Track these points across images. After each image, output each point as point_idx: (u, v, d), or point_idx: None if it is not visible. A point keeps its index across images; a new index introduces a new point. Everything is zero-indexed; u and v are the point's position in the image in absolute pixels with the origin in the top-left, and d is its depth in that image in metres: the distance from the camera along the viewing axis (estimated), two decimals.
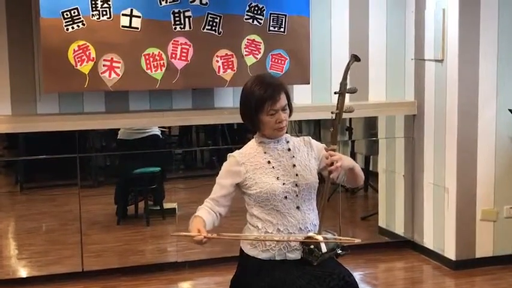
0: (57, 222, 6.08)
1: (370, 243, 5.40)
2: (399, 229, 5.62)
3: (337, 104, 3.04)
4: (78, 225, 5.06)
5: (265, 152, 3.04)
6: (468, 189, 4.98)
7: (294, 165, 3.03)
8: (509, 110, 4.81)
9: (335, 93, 3.07)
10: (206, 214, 2.97)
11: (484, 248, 5.04)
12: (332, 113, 3.05)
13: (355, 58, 3.08)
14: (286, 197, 2.98)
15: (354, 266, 3.07)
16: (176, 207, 6.11)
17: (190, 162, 7.73)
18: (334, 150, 2.99)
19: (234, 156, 3.04)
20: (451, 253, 5.04)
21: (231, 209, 3.06)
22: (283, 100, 2.98)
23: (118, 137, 6.12)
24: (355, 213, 6.25)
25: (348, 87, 3.04)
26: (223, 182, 3.03)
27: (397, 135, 5.58)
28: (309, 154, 3.10)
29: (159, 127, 6.15)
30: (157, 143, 6.29)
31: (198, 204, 3.08)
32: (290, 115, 3.06)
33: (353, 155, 6.22)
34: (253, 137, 3.12)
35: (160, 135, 6.31)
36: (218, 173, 3.13)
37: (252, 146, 3.08)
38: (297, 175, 3.01)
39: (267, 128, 3.01)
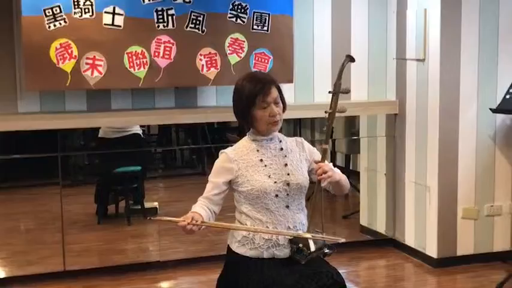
0: (37, 221, 6.05)
1: (352, 241, 5.42)
2: (381, 227, 5.66)
3: (331, 103, 3.05)
4: (59, 225, 5.01)
5: (257, 150, 3.04)
6: (449, 187, 5.02)
7: (286, 165, 3.04)
8: (490, 109, 4.85)
9: (329, 92, 3.08)
10: (202, 210, 2.95)
11: (465, 246, 5.08)
12: (325, 112, 3.06)
13: (350, 59, 3.09)
14: (277, 196, 2.98)
15: (337, 264, 3.07)
16: (157, 206, 6.10)
17: (170, 161, 7.72)
18: (326, 149, 3.01)
19: (226, 153, 3.04)
20: (432, 251, 5.08)
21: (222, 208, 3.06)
22: (274, 92, 2.99)
23: (99, 136, 6.09)
24: (336, 212, 6.28)
25: (341, 87, 3.05)
26: (216, 180, 3.02)
27: (379, 134, 5.61)
28: (300, 155, 3.11)
29: (140, 126, 6.13)
30: (138, 142, 6.27)
31: (179, 203, 3.08)
32: (284, 110, 3.06)
33: (333, 154, 6.25)
34: (235, 136, 3.11)
35: (142, 134, 6.29)
36: (198, 172, 3.13)
37: (244, 143, 3.08)
38: (288, 174, 3.01)
39: (261, 123, 3.01)
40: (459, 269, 4.99)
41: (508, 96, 4.80)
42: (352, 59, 3.11)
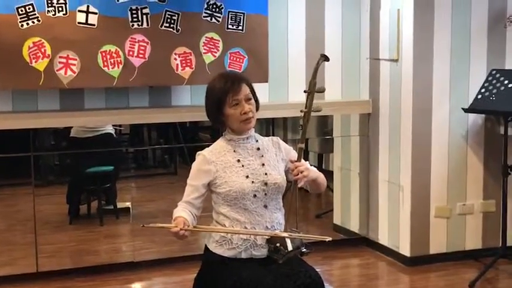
0: (7, 222, 5.97)
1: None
2: (354, 226, 5.69)
3: (306, 102, 3.06)
4: (30, 225, 4.96)
5: (234, 151, 3.04)
6: (422, 186, 5.06)
7: (263, 165, 3.04)
8: (463, 109, 4.90)
9: (304, 91, 3.09)
10: (186, 215, 2.92)
11: (437, 245, 5.13)
12: (301, 111, 3.07)
13: (324, 58, 3.10)
14: (255, 196, 2.98)
15: (310, 263, 3.08)
16: (130, 206, 6.06)
17: (142, 161, 7.69)
18: (302, 148, 3.02)
19: (204, 155, 3.03)
20: (405, 250, 5.12)
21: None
22: (245, 90, 3.00)
23: (70, 135, 6.05)
24: (310, 211, 6.30)
25: (316, 86, 3.06)
26: (195, 183, 3.00)
27: (352, 133, 5.64)
28: (277, 155, 3.12)
29: (113, 125, 6.09)
30: (110, 142, 6.23)
31: (152, 203, 3.07)
32: (257, 108, 3.06)
33: (306, 153, 6.27)
34: (207, 136, 3.11)
35: (114, 134, 6.26)
36: (171, 172, 3.12)
37: (221, 144, 3.07)
38: (266, 174, 3.02)
39: (234, 122, 3.01)
40: (432, 267, 5.04)
41: (479, 96, 4.86)
42: (326, 58, 3.12)
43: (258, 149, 3.09)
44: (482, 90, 4.87)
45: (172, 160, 7.26)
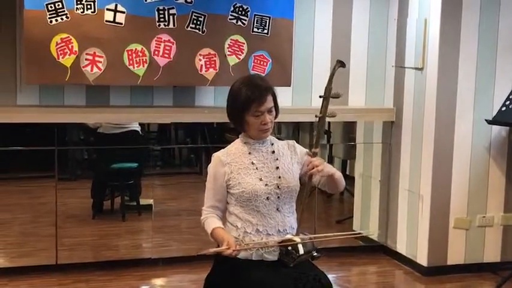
0: (31, 214, 6.07)
1: (344, 246, 5.45)
2: (373, 234, 5.67)
3: (321, 108, 3.08)
4: (53, 218, 5.03)
5: (249, 153, 3.07)
6: (442, 197, 5.04)
7: (278, 168, 3.06)
8: (486, 120, 4.87)
9: (320, 97, 3.10)
10: (220, 223, 3.02)
11: (455, 256, 5.10)
12: (316, 116, 3.09)
13: (340, 64, 3.12)
14: (268, 198, 3.00)
15: (327, 268, 3.09)
16: (152, 203, 6.11)
17: (168, 160, 7.75)
18: (316, 153, 3.03)
19: (219, 156, 3.07)
20: (423, 259, 5.10)
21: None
22: (269, 102, 3.01)
23: (97, 130, 6.12)
24: (330, 216, 6.30)
25: (332, 92, 3.08)
26: (215, 186, 3.06)
27: (375, 140, 5.63)
28: (292, 158, 3.14)
29: (139, 123, 6.15)
30: (136, 139, 6.28)
31: (174, 201, 3.10)
32: (276, 117, 3.09)
33: (331, 159, 6.28)
34: (234, 137, 3.14)
35: (140, 131, 6.32)
36: (196, 172, 3.15)
37: (237, 146, 3.11)
38: (279, 177, 3.04)
39: (252, 129, 3.04)
40: (449, 278, 5.02)
41: (504, 108, 4.83)
42: (342, 64, 3.13)
43: (273, 152, 3.11)
44: (507, 102, 4.84)
45: (198, 160, 7.31)
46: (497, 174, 5.13)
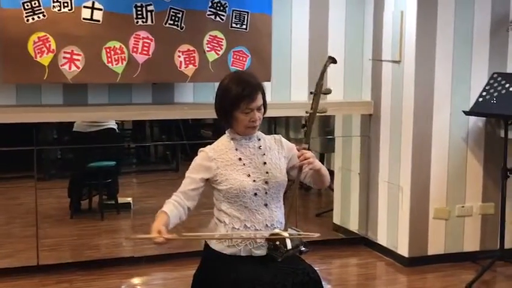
0: (8, 215, 6.01)
1: (324, 239, 5.48)
2: (353, 226, 5.72)
3: (312, 103, 3.09)
4: (30, 219, 5.00)
5: (236, 149, 3.07)
6: (422, 188, 5.09)
7: (265, 163, 3.07)
8: (464, 111, 4.93)
9: (310, 93, 3.12)
10: (173, 209, 2.96)
11: (436, 246, 5.16)
12: (306, 112, 3.10)
13: (332, 60, 3.14)
14: (255, 194, 3.01)
15: (309, 262, 3.11)
16: (131, 201, 6.10)
17: (144, 157, 7.73)
18: (305, 149, 3.05)
19: (206, 152, 3.06)
20: (404, 250, 5.15)
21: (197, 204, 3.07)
22: (259, 100, 3.02)
23: (73, 129, 6.08)
24: (310, 210, 6.34)
25: (322, 88, 3.09)
26: (194, 175, 3.03)
27: (354, 134, 5.67)
28: (279, 152, 3.15)
29: (116, 121, 6.12)
30: (113, 137, 6.26)
31: (153, 199, 3.10)
32: (264, 113, 3.09)
33: None
34: (209, 133, 3.14)
35: (117, 129, 6.29)
36: (172, 168, 3.14)
37: (223, 142, 3.10)
38: (267, 173, 3.05)
39: (240, 126, 3.04)
40: (430, 268, 5.07)
41: (480, 99, 4.89)
42: (334, 61, 3.16)
43: (260, 147, 3.11)
44: (484, 93, 4.90)
45: (174, 156, 7.29)
46: (474, 164, 5.20)
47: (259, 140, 3.14)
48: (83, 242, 5.57)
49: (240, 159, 3.05)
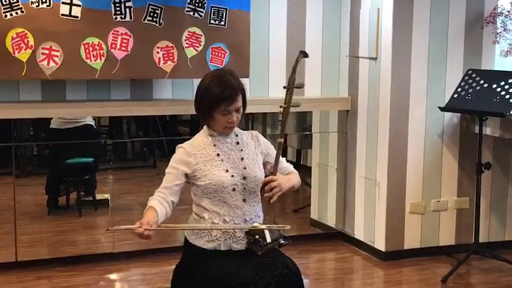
0: None
1: (302, 234, 5.53)
2: (331, 221, 5.77)
3: (285, 98, 3.13)
4: (7, 215, 4.97)
5: (214, 145, 3.10)
6: (398, 183, 5.15)
7: (243, 159, 3.10)
8: (439, 107, 5.00)
9: (284, 87, 3.15)
10: (159, 205, 2.98)
11: (412, 240, 5.23)
12: (280, 107, 3.14)
13: (303, 54, 3.17)
14: (234, 189, 3.04)
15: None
16: (109, 198, 6.07)
17: (121, 154, 7.69)
18: (281, 143, 3.09)
19: (184, 148, 3.08)
20: (380, 244, 5.21)
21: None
22: (238, 102, 3.05)
23: (50, 126, 6.04)
24: (287, 206, 6.36)
25: (296, 82, 3.13)
26: (175, 170, 3.05)
27: (331, 129, 5.71)
28: (256, 148, 3.19)
29: (93, 117, 6.09)
30: (90, 133, 6.23)
31: (130, 195, 3.10)
32: (243, 113, 3.12)
33: (285, 149, 6.34)
34: (186, 129, 3.16)
35: (94, 126, 6.26)
36: (150, 165, 3.14)
37: (201, 138, 3.13)
38: (245, 168, 3.08)
39: (218, 126, 3.07)
40: (406, 262, 5.14)
41: (456, 96, 4.96)
42: (305, 55, 3.20)
43: (238, 143, 3.15)
44: (459, 89, 4.97)
45: (151, 153, 7.28)
46: (450, 160, 5.27)
47: (236, 136, 3.17)
48: (61, 238, 5.55)
49: (218, 154, 3.08)
